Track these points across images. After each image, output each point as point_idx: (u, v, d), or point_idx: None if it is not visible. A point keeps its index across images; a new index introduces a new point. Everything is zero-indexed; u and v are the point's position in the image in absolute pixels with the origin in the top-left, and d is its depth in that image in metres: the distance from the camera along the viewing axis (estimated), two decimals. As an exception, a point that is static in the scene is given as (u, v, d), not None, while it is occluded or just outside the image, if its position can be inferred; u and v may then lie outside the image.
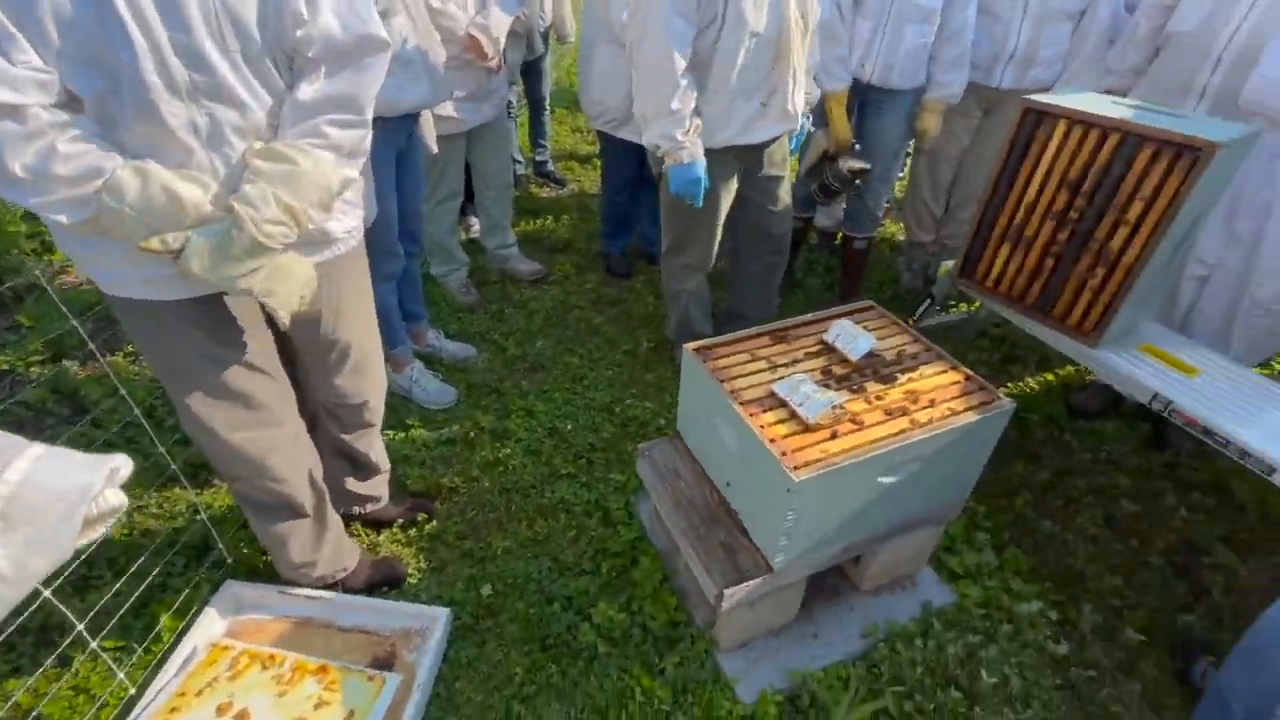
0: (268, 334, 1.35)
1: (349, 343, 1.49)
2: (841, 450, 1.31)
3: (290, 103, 1.09)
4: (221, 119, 1.04)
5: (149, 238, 1.01)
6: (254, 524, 1.57)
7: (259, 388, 1.34)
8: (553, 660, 1.64)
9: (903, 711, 1.53)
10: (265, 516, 1.53)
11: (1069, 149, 1.74)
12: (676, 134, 1.83)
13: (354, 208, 1.34)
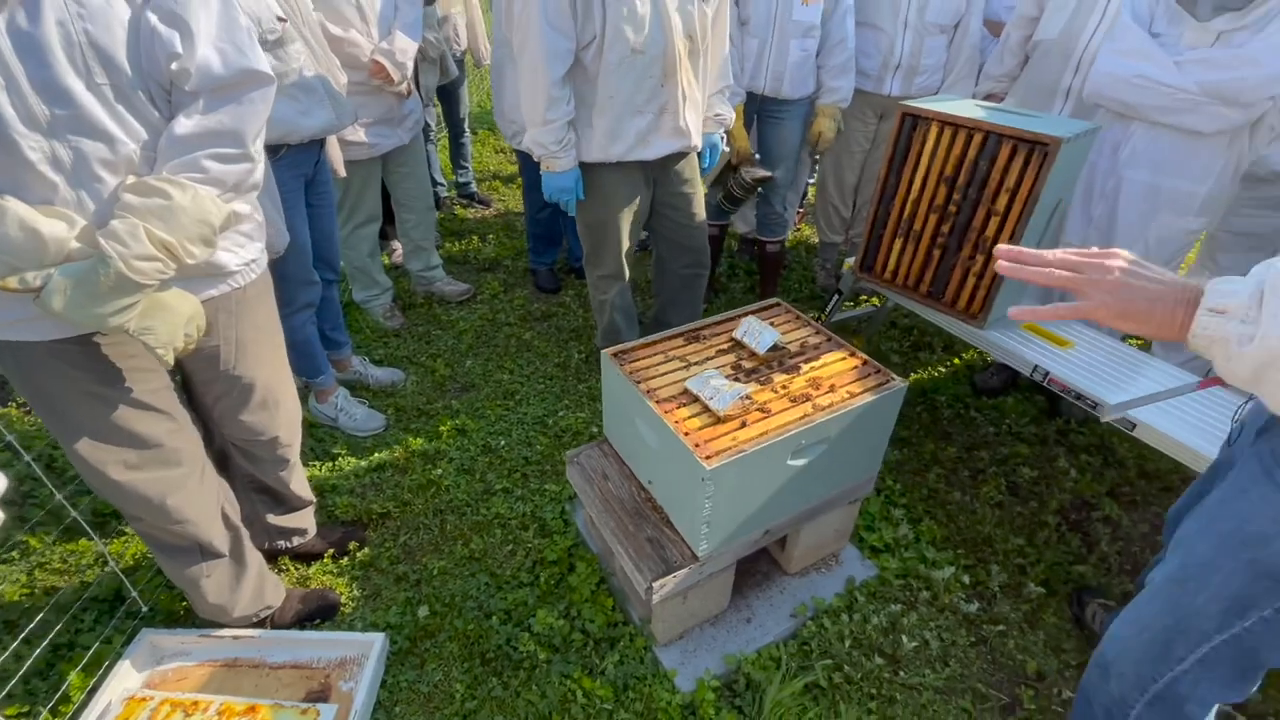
0: (162, 370, 1.30)
1: (253, 378, 1.45)
2: (751, 437, 1.39)
3: (167, 136, 1.07)
4: (88, 153, 1.01)
5: (6, 276, 0.97)
6: (164, 566, 1.51)
7: (151, 427, 1.28)
8: (494, 674, 1.64)
9: (832, 682, 1.61)
10: (175, 558, 1.47)
11: (943, 148, 1.91)
12: (549, 142, 1.92)
13: (251, 240, 1.32)
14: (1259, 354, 0.65)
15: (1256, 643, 0.89)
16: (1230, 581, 0.88)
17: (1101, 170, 2.07)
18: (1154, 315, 0.75)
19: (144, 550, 1.90)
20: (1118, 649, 1.05)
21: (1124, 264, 0.80)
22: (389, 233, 3.53)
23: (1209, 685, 0.95)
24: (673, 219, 2.27)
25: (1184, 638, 0.94)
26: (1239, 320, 0.67)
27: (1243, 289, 0.68)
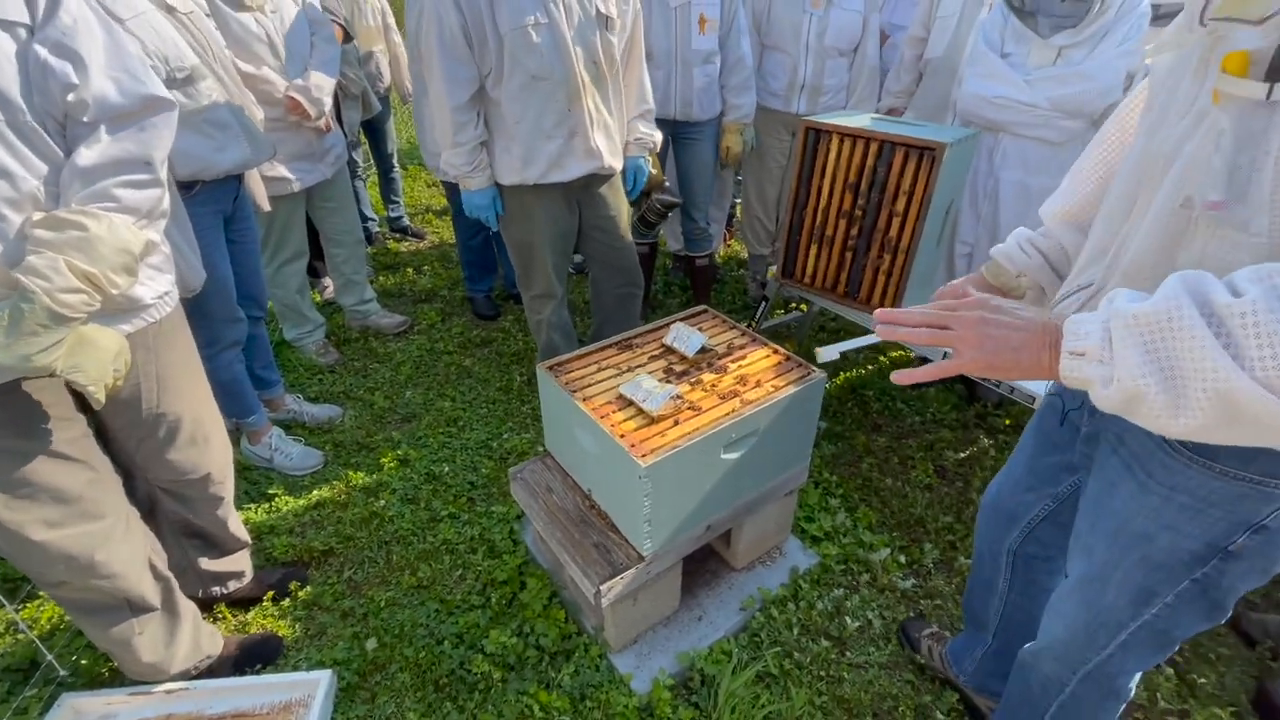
0: (79, 417, 1.24)
1: (179, 415, 1.42)
2: (683, 434, 1.45)
3: (70, 169, 1.06)
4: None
5: None
6: (90, 631, 1.41)
7: (71, 479, 1.22)
8: (448, 699, 1.62)
9: (783, 669, 1.66)
10: (100, 618, 1.38)
11: (844, 158, 2.06)
12: (460, 164, 2.00)
13: (161, 272, 1.30)
14: (1120, 395, 0.66)
15: (1165, 625, 0.97)
16: (1130, 577, 0.95)
17: (982, 173, 2.28)
18: (1021, 363, 0.75)
19: (60, 613, 1.79)
20: (1047, 640, 1.12)
21: (977, 316, 0.78)
22: (319, 269, 3.48)
23: (1134, 660, 1.04)
24: (601, 241, 2.34)
25: (1103, 629, 1.02)
26: (1098, 362, 0.67)
27: (1095, 330, 0.68)
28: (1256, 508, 0.82)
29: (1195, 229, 0.75)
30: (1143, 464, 0.90)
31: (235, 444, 2.34)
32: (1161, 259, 0.80)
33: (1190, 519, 0.86)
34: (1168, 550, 0.90)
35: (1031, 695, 1.18)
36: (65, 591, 1.33)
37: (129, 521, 1.37)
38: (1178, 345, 0.62)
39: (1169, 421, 0.64)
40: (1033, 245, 1.10)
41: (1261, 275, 0.60)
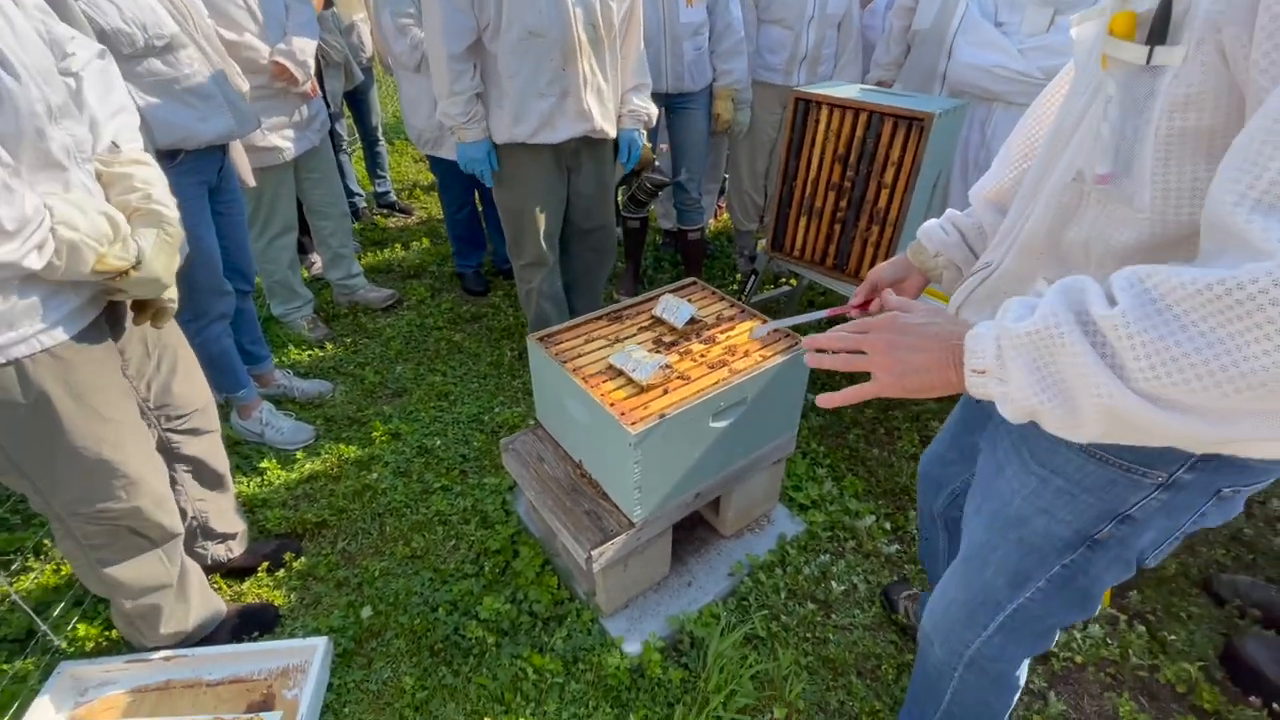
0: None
1: (174, 347, 1.48)
2: (672, 403, 1.47)
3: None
4: (80, 138, 1.11)
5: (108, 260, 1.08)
6: (115, 595, 1.43)
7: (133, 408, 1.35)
8: (443, 663, 1.65)
9: (770, 631, 1.71)
10: (129, 563, 1.38)
11: (834, 129, 2.06)
12: (455, 114, 2.00)
13: None
14: (1018, 412, 0.65)
15: (1039, 611, 0.99)
16: (1007, 558, 0.97)
17: (973, 144, 2.29)
18: (932, 383, 0.73)
19: (53, 584, 1.81)
20: (933, 621, 1.15)
21: (886, 340, 0.75)
22: (305, 245, 3.45)
23: (1014, 646, 1.05)
24: (581, 208, 2.36)
25: (983, 609, 1.03)
26: (997, 380, 0.66)
27: (989, 347, 0.66)
28: (1124, 496, 0.83)
29: (1086, 204, 0.74)
30: (1029, 445, 0.91)
31: (224, 420, 2.34)
32: (1051, 236, 0.79)
33: (1064, 504, 0.88)
34: (1042, 534, 0.91)
35: (930, 681, 1.22)
36: (90, 525, 1.30)
37: (143, 432, 1.36)
38: (1063, 363, 0.60)
39: (1072, 433, 0.63)
40: (953, 224, 1.09)
41: (1133, 280, 0.58)
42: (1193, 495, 0.80)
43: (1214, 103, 0.60)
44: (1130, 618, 1.76)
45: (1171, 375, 0.54)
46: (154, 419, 1.48)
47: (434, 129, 2.78)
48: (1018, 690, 1.14)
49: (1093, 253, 0.75)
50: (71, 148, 1.09)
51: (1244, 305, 0.51)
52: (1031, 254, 0.83)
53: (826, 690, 1.60)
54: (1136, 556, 0.89)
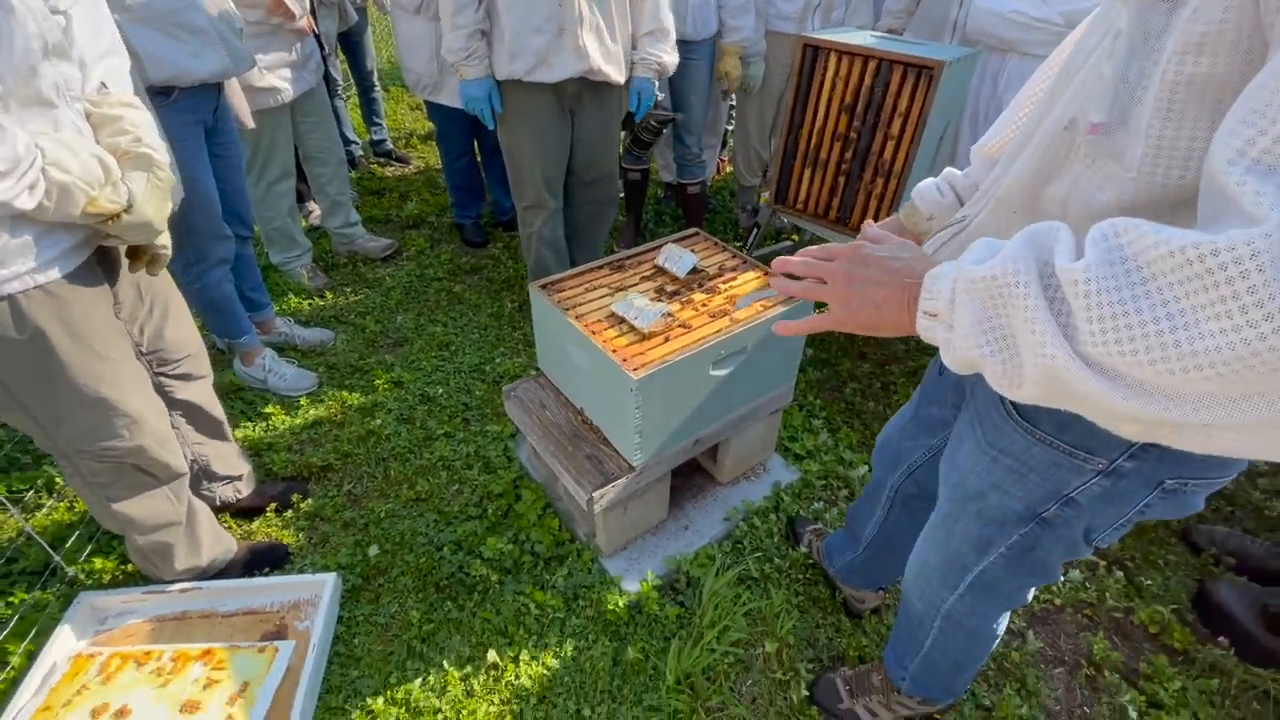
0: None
1: (164, 291, 1.48)
2: (673, 350, 1.49)
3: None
4: (69, 77, 1.09)
5: (99, 203, 1.08)
6: (130, 532, 1.48)
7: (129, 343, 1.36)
8: (448, 599, 1.72)
9: (763, 571, 1.77)
10: (137, 502, 1.43)
11: (842, 77, 2.02)
12: (456, 48, 1.99)
13: None
14: (962, 361, 0.62)
15: (1002, 573, 1.02)
16: (970, 528, 0.99)
17: (984, 98, 2.25)
18: (884, 320, 0.69)
19: (68, 519, 1.86)
20: (912, 578, 1.20)
21: (844, 270, 0.71)
22: (303, 193, 3.40)
23: (985, 605, 1.10)
24: (583, 157, 2.33)
25: (953, 572, 1.08)
26: (945, 325, 0.62)
27: (945, 289, 0.62)
28: (1068, 479, 0.83)
29: (1074, 157, 0.70)
30: (981, 422, 0.91)
31: (228, 366, 2.36)
32: (1030, 188, 0.75)
33: (1015, 481, 0.88)
34: (997, 508, 0.93)
35: (911, 627, 1.27)
36: (95, 463, 1.33)
37: (140, 372, 1.38)
38: (1013, 314, 0.56)
39: (1012, 391, 0.60)
40: (949, 184, 1.06)
41: (1109, 234, 0.53)
42: (1134, 484, 0.79)
43: (1231, 47, 0.54)
44: (1110, 564, 1.83)
45: (1121, 343, 0.50)
46: (147, 364, 1.50)
47: (433, 73, 2.72)
48: (995, 639, 1.19)
49: (1070, 211, 0.71)
50: (61, 86, 1.07)
51: (1213, 275, 0.45)
52: (1007, 209, 0.79)
53: (816, 627, 1.67)
54: (1083, 537, 0.90)
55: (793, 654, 1.61)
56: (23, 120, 1.01)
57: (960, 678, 1.29)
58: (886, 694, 1.43)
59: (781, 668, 1.58)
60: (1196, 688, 1.54)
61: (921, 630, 1.23)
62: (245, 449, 1.99)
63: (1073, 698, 1.55)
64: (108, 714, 1.38)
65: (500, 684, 1.54)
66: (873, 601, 1.68)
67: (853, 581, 1.64)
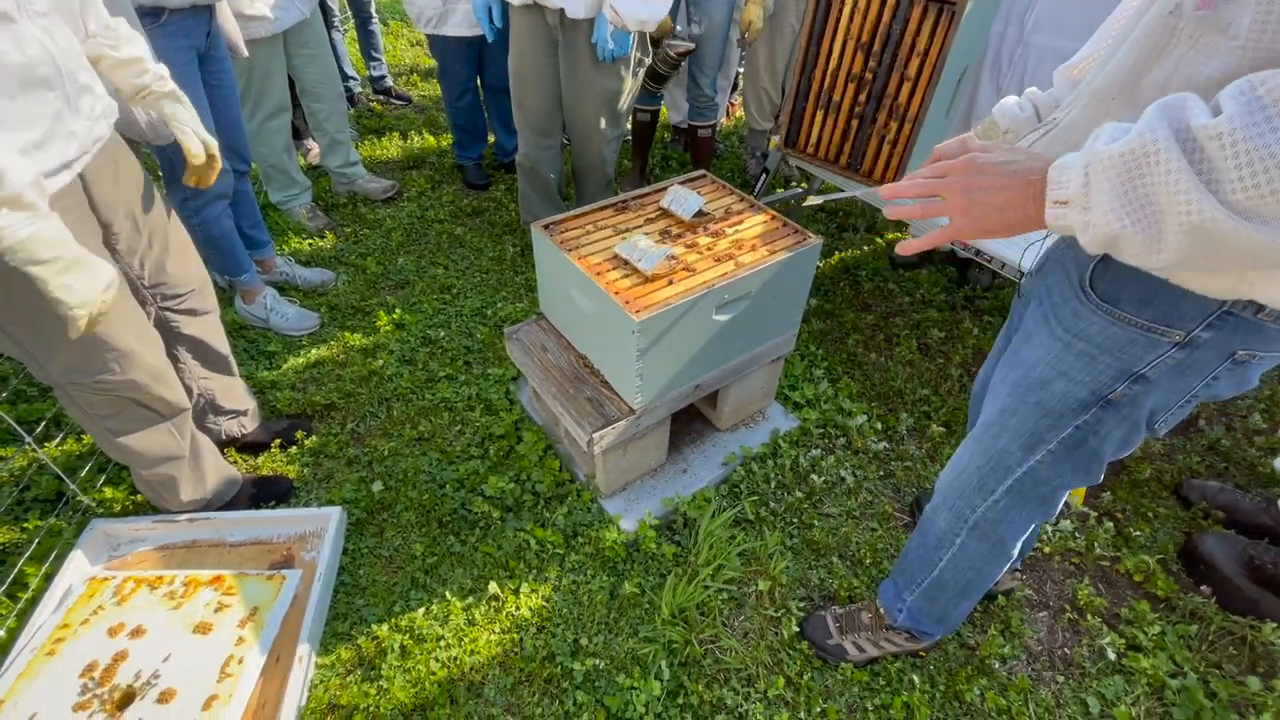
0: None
1: (164, 224, 1.47)
2: (677, 293, 1.47)
3: None
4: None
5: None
6: (135, 464, 1.51)
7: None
8: (451, 533, 1.76)
9: (758, 515, 1.81)
10: (140, 435, 1.45)
11: (859, 14, 1.93)
12: None
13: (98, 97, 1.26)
14: (1101, 239, 0.66)
15: (1047, 473, 1.06)
16: (1024, 422, 1.02)
17: (1010, 40, 2.15)
18: (1010, 221, 0.73)
19: (79, 450, 1.89)
20: (943, 488, 1.23)
21: (961, 182, 0.75)
22: (301, 131, 3.32)
23: (1017, 511, 1.13)
24: (565, 94, 2.31)
25: (993, 474, 1.11)
26: (1079, 209, 0.66)
27: (1076, 175, 0.66)
28: (1141, 354, 0.87)
29: (1176, 39, 0.73)
30: (1057, 314, 0.96)
31: (229, 304, 2.36)
32: (1130, 76, 0.78)
33: (1084, 366, 0.93)
34: (1059, 396, 0.97)
35: (927, 548, 1.30)
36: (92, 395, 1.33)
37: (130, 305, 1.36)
38: (1153, 181, 0.60)
39: (1151, 257, 0.64)
40: (1029, 99, 1.09)
41: (1243, 88, 0.57)
42: (1208, 355, 0.84)
43: None
44: (1100, 515, 1.86)
45: (1273, 182, 0.54)
46: (150, 296, 1.49)
47: (436, 5, 2.60)
48: (1009, 560, 1.23)
49: (1170, 90, 0.74)
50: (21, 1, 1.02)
51: None
52: (1104, 100, 0.82)
53: (808, 568, 1.72)
54: (1147, 418, 0.95)
55: (785, 593, 1.65)
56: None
57: (960, 606, 1.33)
58: (875, 630, 1.48)
59: (773, 605, 1.63)
60: (1175, 632, 1.59)
61: (940, 549, 1.26)
62: (249, 386, 2.00)
63: (1054, 639, 1.61)
64: (123, 633, 1.44)
65: (501, 614, 1.59)
66: (1007, 583, 1.66)
67: None
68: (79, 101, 1.15)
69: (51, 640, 1.41)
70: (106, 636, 1.43)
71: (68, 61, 1.11)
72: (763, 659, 1.53)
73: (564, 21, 2.08)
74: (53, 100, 1.09)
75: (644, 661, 1.51)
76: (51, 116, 1.09)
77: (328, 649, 1.53)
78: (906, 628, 1.43)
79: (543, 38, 2.14)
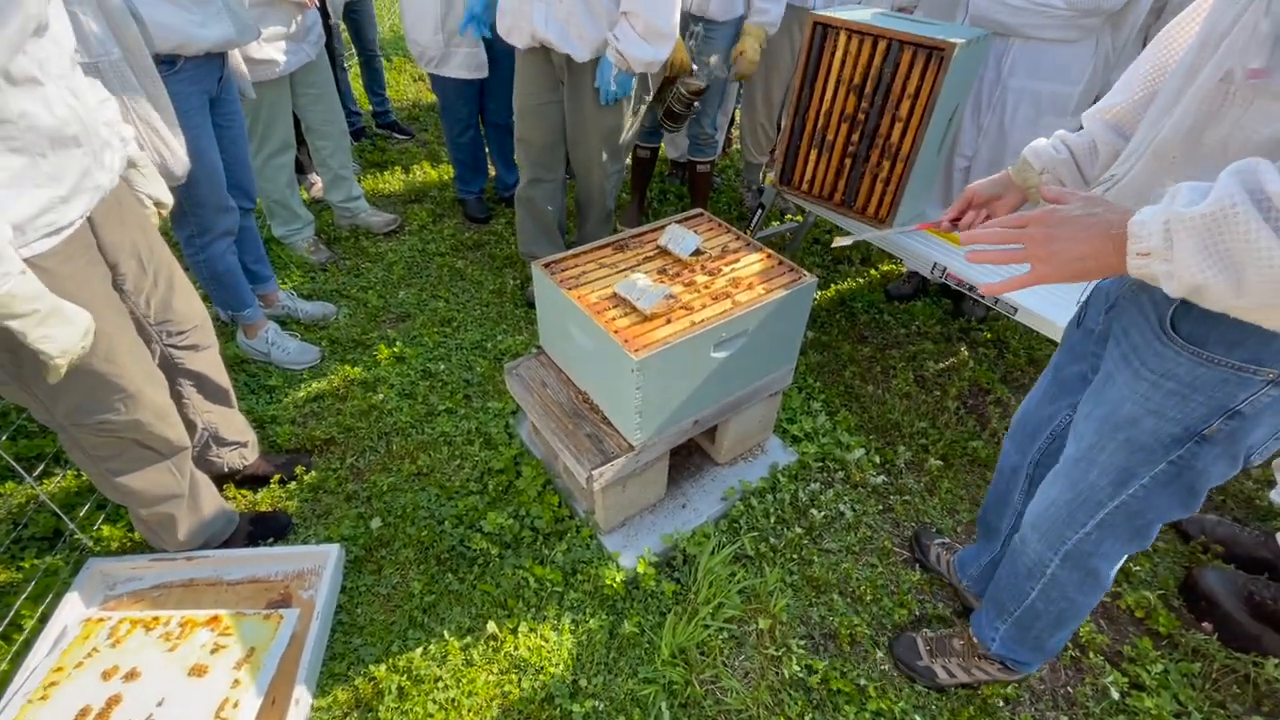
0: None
1: (169, 264, 1.49)
2: (675, 332, 1.49)
3: None
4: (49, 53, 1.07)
5: None
6: (132, 504, 1.50)
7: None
8: (449, 571, 1.75)
9: (758, 551, 1.81)
10: (138, 474, 1.44)
11: (851, 57, 1.99)
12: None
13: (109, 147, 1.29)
14: (1182, 287, 0.72)
15: (1141, 506, 1.07)
16: (1114, 458, 1.04)
17: (988, 82, 2.22)
18: (1090, 270, 0.79)
19: (77, 487, 1.89)
20: (1034, 520, 1.24)
21: (1044, 232, 0.80)
22: (305, 165, 3.38)
23: (1111, 541, 1.14)
24: (573, 129, 2.36)
25: (1083, 508, 1.12)
26: (1162, 260, 0.71)
27: (1156, 230, 0.71)
28: (1234, 393, 0.89)
29: (1230, 103, 0.78)
30: (1140, 354, 0.98)
31: (230, 338, 2.38)
32: (1189, 138, 0.83)
33: (1175, 404, 0.95)
34: (1150, 433, 0.99)
35: (1018, 578, 1.31)
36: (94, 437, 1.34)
37: (138, 346, 1.37)
38: (1233, 238, 0.66)
39: (1232, 302, 0.70)
40: (1063, 142, 1.13)
41: None
42: None
43: None
44: (1100, 550, 1.85)
45: None
46: (156, 334, 1.51)
47: (438, 45, 2.68)
48: (1105, 589, 1.22)
49: (1231, 149, 0.80)
50: (44, 62, 1.05)
51: None
52: (1164, 159, 0.87)
53: (809, 605, 1.71)
54: (1244, 452, 0.96)
55: (785, 631, 1.64)
56: (14, 98, 1.01)
57: (1056, 636, 1.32)
58: (967, 657, 1.48)
59: (774, 644, 1.62)
60: (1179, 670, 1.58)
61: (1031, 579, 1.26)
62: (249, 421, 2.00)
63: (1057, 678, 1.59)
64: (118, 675, 1.42)
65: (499, 654, 1.58)
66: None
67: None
68: (103, 156, 1.19)
69: (44, 685, 1.39)
70: (100, 680, 1.41)
71: (92, 119, 1.15)
72: (764, 699, 1.51)
73: (570, 64, 2.14)
74: (80, 157, 1.13)
75: (644, 703, 1.49)
76: (80, 172, 1.12)
77: (324, 690, 1.51)
78: (1001, 657, 1.42)
79: (547, 76, 2.22)
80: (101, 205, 1.26)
